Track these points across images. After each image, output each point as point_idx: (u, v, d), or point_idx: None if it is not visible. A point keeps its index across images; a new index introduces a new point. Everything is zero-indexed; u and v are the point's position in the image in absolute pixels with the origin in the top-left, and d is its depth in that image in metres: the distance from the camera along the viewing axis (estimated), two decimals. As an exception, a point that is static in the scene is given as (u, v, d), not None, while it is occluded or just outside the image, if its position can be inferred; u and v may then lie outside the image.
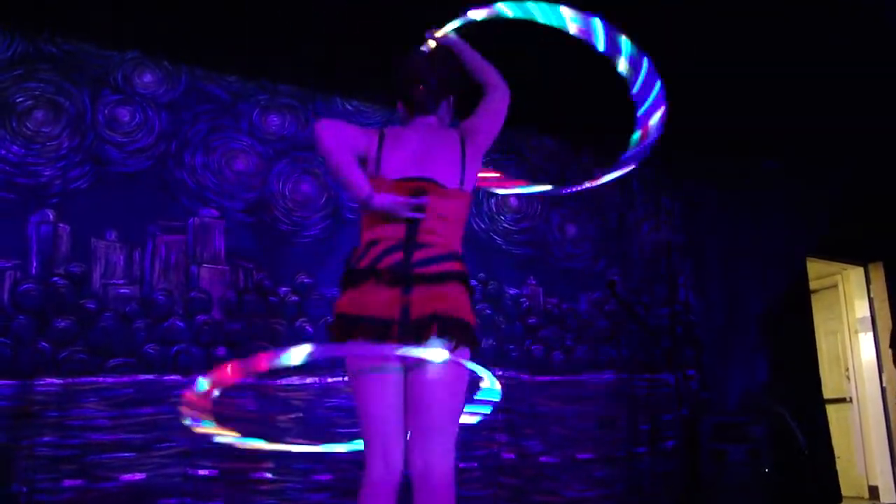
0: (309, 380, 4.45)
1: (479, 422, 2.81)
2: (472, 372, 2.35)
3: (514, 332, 5.29)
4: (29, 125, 4.10)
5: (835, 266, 7.38)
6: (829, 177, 6.30)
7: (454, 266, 2.40)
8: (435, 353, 2.25)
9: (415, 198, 2.38)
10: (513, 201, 5.55)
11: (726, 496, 5.15)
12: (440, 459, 2.27)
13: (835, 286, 7.51)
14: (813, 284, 7.07)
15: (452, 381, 2.32)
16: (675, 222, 6.22)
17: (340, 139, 2.40)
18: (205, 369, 4.13)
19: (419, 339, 2.26)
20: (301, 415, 4.36)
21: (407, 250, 2.36)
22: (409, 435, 2.32)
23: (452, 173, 2.49)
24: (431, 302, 2.30)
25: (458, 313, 2.32)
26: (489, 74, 2.70)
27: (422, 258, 2.36)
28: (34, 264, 3.98)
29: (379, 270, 2.33)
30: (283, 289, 4.56)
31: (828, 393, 6.59)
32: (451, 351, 2.27)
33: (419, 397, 2.30)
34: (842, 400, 7.23)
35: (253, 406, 4.21)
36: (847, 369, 7.34)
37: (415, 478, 2.26)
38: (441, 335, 2.27)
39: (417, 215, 2.38)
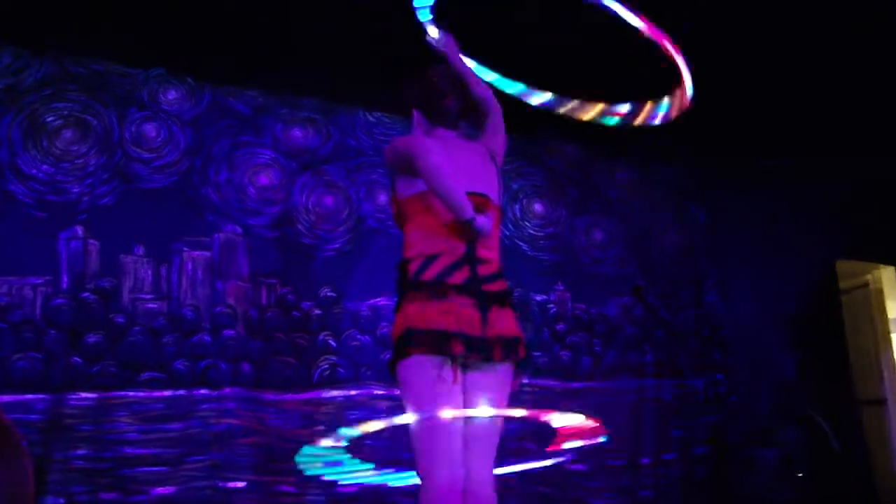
0: (327, 394, 4.47)
1: (509, 430, 2.85)
2: None
3: (542, 339, 5.28)
4: (58, 144, 4.18)
5: (865, 265, 7.27)
6: (859, 176, 6.21)
7: (506, 285, 2.50)
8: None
9: (483, 214, 2.41)
10: (538, 207, 5.55)
11: (757, 500, 5.10)
12: (486, 467, 2.38)
13: (865, 286, 7.39)
14: (843, 284, 6.96)
15: (505, 395, 2.44)
16: (700, 225, 6.17)
17: (446, 158, 2.37)
18: (232, 384, 4.22)
19: (489, 357, 2.37)
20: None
21: (471, 265, 2.41)
22: None
23: (493, 188, 2.57)
24: (500, 320, 2.40)
25: (518, 332, 2.46)
26: (488, 92, 2.75)
27: (485, 274, 2.43)
28: (64, 279, 4.06)
29: (457, 285, 2.37)
30: (307, 303, 4.59)
31: (861, 394, 6.49)
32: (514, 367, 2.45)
33: (475, 406, 2.38)
34: (876, 401, 7.12)
35: (276, 422, 4.25)
36: (881, 370, 7.22)
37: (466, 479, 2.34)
38: (506, 357, 2.40)
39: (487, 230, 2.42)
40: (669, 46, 2.92)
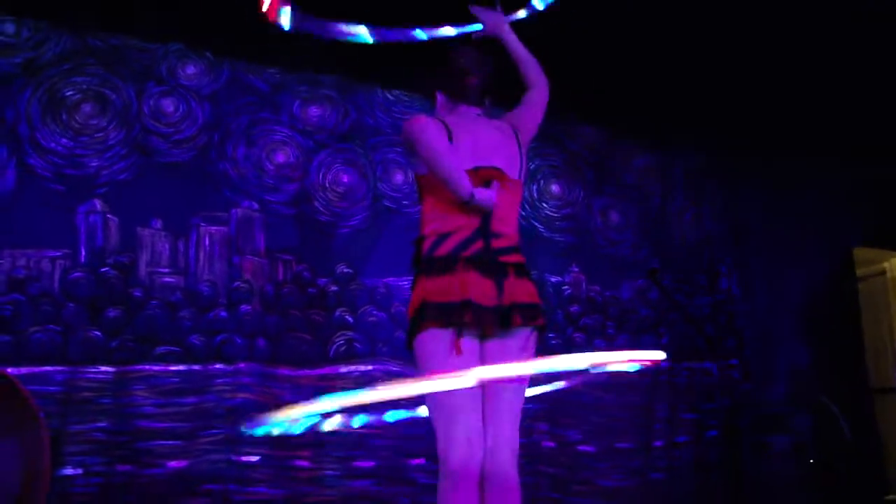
0: (343, 369, 4.50)
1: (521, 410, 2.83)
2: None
3: (556, 321, 5.28)
4: (77, 118, 4.19)
5: (883, 253, 7.21)
6: (876, 163, 6.16)
7: (523, 259, 2.53)
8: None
9: (489, 187, 2.44)
10: (554, 188, 5.53)
11: (769, 487, 5.10)
12: (509, 440, 2.37)
13: (882, 273, 7.34)
14: (859, 271, 6.92)
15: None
16: (717, 210, 6.13)
17: (442, 138, 2.44)
18: (247, 359, 4.25)
19: (508, 326, 2.39)
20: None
21: (485, 238, 2.44)
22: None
23: (513, 164, 2.58)
24: (517, 288, 2.42)
25: (537, 300, 2.48)
26: (533, 68, 2.76)
27: (500, 247, 2.45)
28: (83, 253, 4.08)
29: (468, 258, 2.39)
30: (323, 280, 4.60)
31: (875, 382, 6.46)
32: (535, 336, 2.47)
33: (499, 382, 2.37)
34: (890, 389, 7.09)
35: (291, 397, 4.28)
36: (895, 359, 7.19)
37: (485, 454, 2.33)
38: (526, 322, 2.41)
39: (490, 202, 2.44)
40: None
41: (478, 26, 2.82)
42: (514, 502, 2.30)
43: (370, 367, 4.54)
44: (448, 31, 2.86)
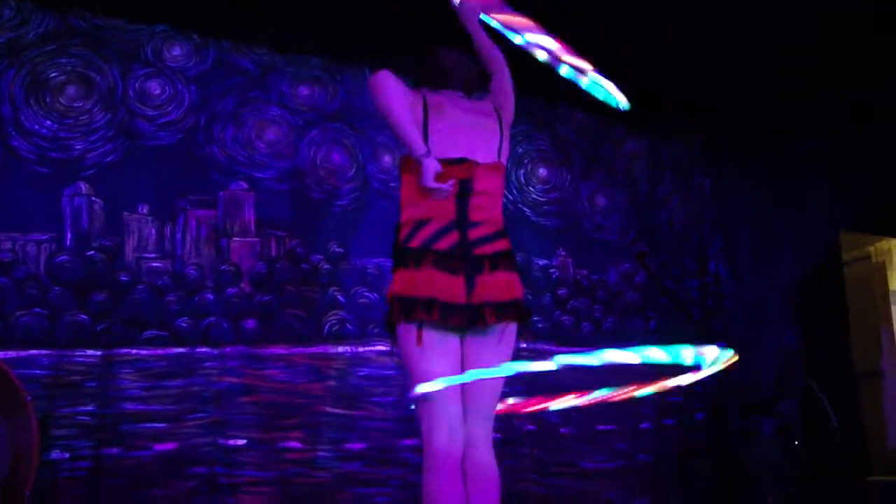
0: (340, 349, 4.50)
1: (501, 392, 2.85)
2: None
3: (542, 304, 5.29)
4: (61, 100, 4.14)
5: (869, 238, 7.26)
6: (863, 148, 6.18)
7: (506, 244, 2.51)
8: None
9: (459, 183, 2.43)
10: (542, 172, 5.53)
11: (755, 469, 5.16)
12: (486, 433, 2.45)
13: (867, 258, 7.38)
14: (844, 256, 6.96)
15: (504, 358, 2.47)
16: (705, 194, 6.15)
17: (400, 94, 2.42)
18: (234, 342, 4.25)
19: (479, 322, 2.39)
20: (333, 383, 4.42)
21: (461, 229, 2.42)
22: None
23: (493, 146, 2.56)
24: (491, 285, 2.41)
25: (513, 294, 2.46)
26: (497, 55, 2.76)
27: (478, 237, 2.44)
28: (68, 237, 4.05)
29: (438, 252, 2.38)
30: (316, 256, 4.59)
31: (859, 366, 6.52)
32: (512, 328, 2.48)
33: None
34: (874, 374, 7.15)
35: (284, 377, 4.28)
36: (880, 343, 7.25)
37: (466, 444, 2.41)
38: (499, 320, 2.41)
39: (443, 193, 2.40)
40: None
41: None
42: (493, 490, 2.39)
43: (361, 349, 4.53)
44: None
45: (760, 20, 4.75)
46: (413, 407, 2.49)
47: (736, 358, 2.45)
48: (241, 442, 4.13)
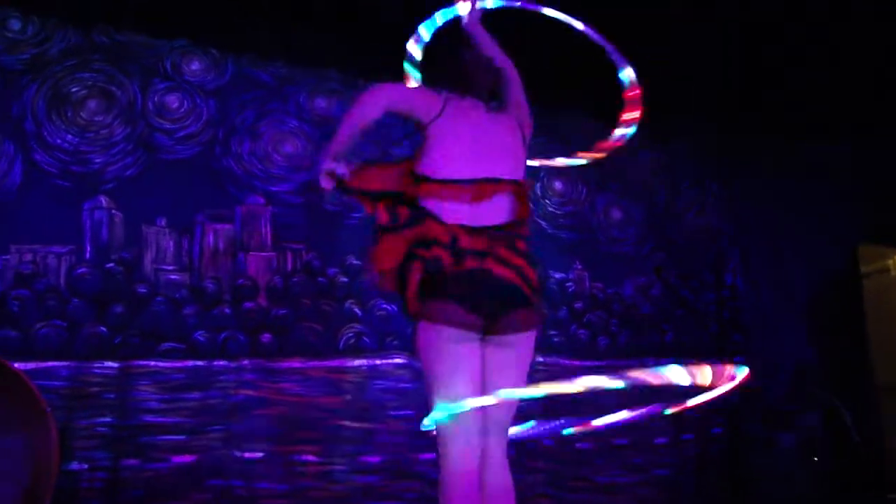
0: (356, 362, 4.50)
1: (520, 407, 2.84)
2: None
3: (558, 318, 5.28)
4: (82, 114, 4.20)
5: (887, 250, 7.20)
6: (882, 160, 6.15)
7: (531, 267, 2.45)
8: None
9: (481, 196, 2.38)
10: (557, 185, 5.53)
11: (774, 483, 5.10)
12: (502, 447, 2.41)
13: (886, 270, 7.32)
14: (863, 268, 6.91)
15: (525, 369, 2.45)
16: (721, 206, 6.13)
17: (374, 101, 2.42)
18: (251, 356, 4.26)
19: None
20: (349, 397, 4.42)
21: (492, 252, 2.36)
22: None
23: (518, 165, 2.53)
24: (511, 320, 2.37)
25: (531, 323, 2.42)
26: (509, 64, 2.71)
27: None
28: (88, 249, 4.09)
29: (463, 276, 2.32)
30: (332, 270, 4.60)
31: (880, 380, 6.45)
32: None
33: (494, 383, 2.36)
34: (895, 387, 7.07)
35: (300, 390, 4.29)
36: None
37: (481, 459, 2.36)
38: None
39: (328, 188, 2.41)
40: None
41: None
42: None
43: (378, 362, 4.54)
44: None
45: (776, 19, 4.73)
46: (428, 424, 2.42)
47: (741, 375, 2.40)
48: (258, 455, 4.13)
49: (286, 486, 4.15)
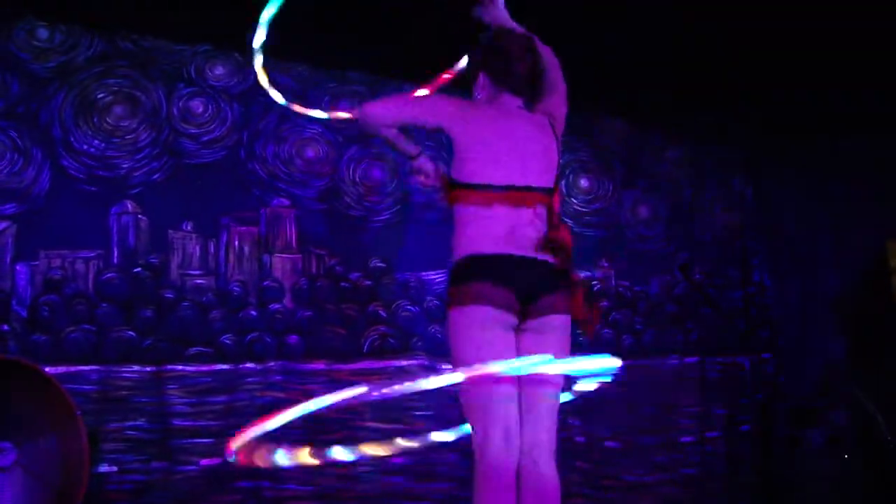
0: (382, 363, 4.52)
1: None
2: None
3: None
4: (109, 120, 4.24)
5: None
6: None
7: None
8: None
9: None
10: (583, 182, 5.50)
11: (804, 483, 5.04)
12: (548, 441, 2.27)
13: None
14: (893, 263, 6.80)
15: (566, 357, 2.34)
16: (748, 203, 6.07)
17: (442, 106, 2.46)
18: (277, 357, 4.29)
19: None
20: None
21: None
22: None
23: (552, 168, 2.46)
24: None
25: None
26: (546, 48, 2.61)
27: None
28: (115, 254, 4.13)
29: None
30: (355, 274, 4.62)
31: (910, 377, 6.36)
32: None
33: (537, 377, 2.26)
34: (926, 383, 6.96)
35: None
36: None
37: (522, 454, 2.24)
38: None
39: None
40: None
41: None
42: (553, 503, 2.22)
43: (403, 363, 4.55)
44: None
45: (798, 24, 4.66)
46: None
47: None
48: (286, 456, 4.15)
49: (314, 488, 4.17)
